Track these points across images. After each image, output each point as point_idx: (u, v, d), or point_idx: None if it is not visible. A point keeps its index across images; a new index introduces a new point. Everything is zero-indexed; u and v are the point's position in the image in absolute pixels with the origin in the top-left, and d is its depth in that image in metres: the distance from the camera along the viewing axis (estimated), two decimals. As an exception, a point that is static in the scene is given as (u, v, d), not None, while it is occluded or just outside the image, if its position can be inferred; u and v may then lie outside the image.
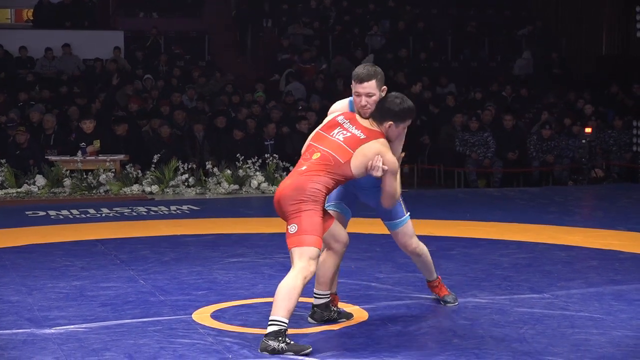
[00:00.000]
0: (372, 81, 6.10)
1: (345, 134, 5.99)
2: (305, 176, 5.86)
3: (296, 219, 5.78)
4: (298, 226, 5.76)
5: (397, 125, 6.05)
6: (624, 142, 17.29)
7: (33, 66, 20.30)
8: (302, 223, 5.76)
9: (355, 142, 5.94)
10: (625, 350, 5.67)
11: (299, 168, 5.96)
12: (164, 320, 6.38)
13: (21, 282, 7.72)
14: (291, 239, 5.79)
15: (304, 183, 5.83)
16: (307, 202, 5.80)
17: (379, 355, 5.55)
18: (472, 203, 13.13)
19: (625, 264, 8.41)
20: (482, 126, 16.80)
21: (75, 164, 14.55)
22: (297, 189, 5.82)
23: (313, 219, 5.79)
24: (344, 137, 5.97)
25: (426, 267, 6.74)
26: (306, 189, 5.81)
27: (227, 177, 14.63)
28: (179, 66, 21.02)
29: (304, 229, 5.75)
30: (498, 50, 23.40)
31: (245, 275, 7.94)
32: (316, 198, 5.82)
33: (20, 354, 5.59)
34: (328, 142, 5.99)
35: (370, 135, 5.98)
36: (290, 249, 5.80)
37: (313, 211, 5.80)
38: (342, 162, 5.89)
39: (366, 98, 6.09)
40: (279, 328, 5.58)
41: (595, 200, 13.27)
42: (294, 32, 22.65)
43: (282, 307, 5.61)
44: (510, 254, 8.94)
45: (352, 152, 5.90)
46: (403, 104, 6.05)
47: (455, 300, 6.80)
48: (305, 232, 5.75)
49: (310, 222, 5.77)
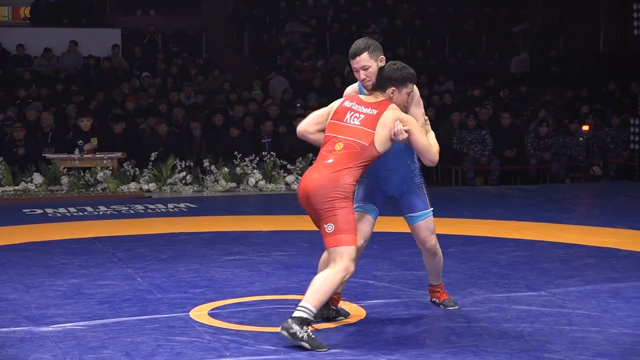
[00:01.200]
0: (364, 54, 6.15)
1: (359, 116, 5.99)
2: (335, 172, 5.81)
3: (332, 217, 5.75)
4: (335, 225, 5.75)
5: (400, 91, 6.09)
6: (621, 139, 17.29)
7: (30, 64, 20.28)
8: (339, 222, 5.75)
9: (371, 121, 5.94)
10: (622, 347, 5.67)
11: (325, 161, 5.90)
12: (161, 318, 6.38)
13: (19, 280, 7.72)
14: (329, 238, 5.78)
15: (335, 179, 5.79)
16: (340, 199, 5.77)
17: (377, 353, 5.55)
18: (469, 201, 13.13)
19: (622, 262, 8.42)
20: (479, 124, 16.80)
21: (73, 162, 14.54)
22: (329, 186, 5.78)
23: (348, 217, 5.79)
24: (359, 121, 5.96)
25: (436, 270, 6.67)
26: (339, 185, 5.79)
27: (225, 175, 14.62)
28: (176, 64, 21.01)
29: (341, 227, 5.75)
30: (495, 48, 23.40)
31: (243, 273, 7.94)
32: (348, 194, 5.81)
33: (17, 352, 5.59)
34: (346, 129, 5.97)
35: (380, 107, 6.01)
36: (329, 249, 5.80)
37: (347, 209, 5.79)
38: (367, 145, 5.88)
39: (363, 72, 6.14)
40: (307, 316, 5.64)
41: (592, 198, 13.28)
42: (292, 30, 22.64)
43: (315, 297, 5.67)
44: (507, 251, 8.95)
45: (372, 131, 5.91)
46: (401, 69, 6.13)
47: (455, 304, 6.71)
48: (343, 232, 5.75)
49: (346, 221, 5.77)
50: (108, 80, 19.10)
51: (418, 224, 6.38)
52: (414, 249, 8.78)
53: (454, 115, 17.20)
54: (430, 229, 6.43)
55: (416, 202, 6.35)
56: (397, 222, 10.18)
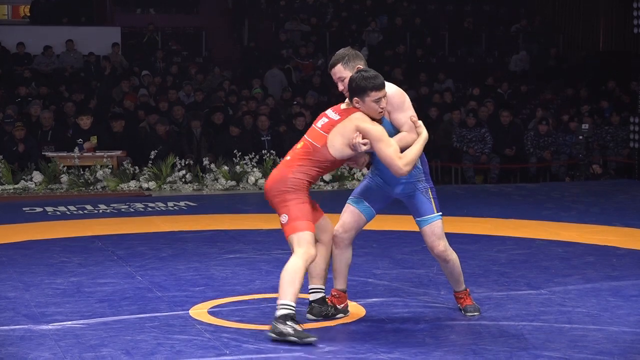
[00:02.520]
0: (338, 65, 6.18)
1: (324, 120, 6.12)
2: (287, 167, 6.06)
3: (284, 208, 5.97)
4: (288, 215, 5.94)
5: (363, 100, 6.00)
6: (621, 138, 17.29)
7: (30, 62, 20.28)
8: (291, 211, 5.94)
9: (329, 125, 6.06)
10: (622, 346, 5.67)
11: (285, 158, 6.17)
12: (161, 317, 6.38)
13: (18, 278, 7.72)
14: (285, 228, 5.98)
15: (286, 174, 6.02)
16: (290, 192, 5.97)
17: (376, 351, 5.55)
18: (469, 199, 13.13)
19: (622, 260, 8.42)
20: (479, 122, 16.79)
21: (73, 160, 14.54)
22: (280, 180, 6.02)
23: (299, 206, 5.96)
24: (321, 124, 6.11)
25: (453, 276, 6.46)
26: (288, 179, 5.99)
27: (225, 174, 14.62)
28: (176, 62, 21.00)
29: (294, 216, 5.94)
30: (495, 46, 23.40)
31: (243, 272, 7.94)
32: (298, 187, 5.99)
33: (17, 350, 5.59)
34: (310, 131, 6.17)
35: (343, 114, 6.07)
36: (287, 238, 5.97)
37: (298, 199, 5.97)
38: (319, 147, 6.02)
39: (340, 83, 6.16)
40: (287, 312, 5.74)
41: (592, 197, 13.27)
42: (291, 28, 22.64)
43: (288, 291, 5.78)
44: (507, 250, 8.95)
45: (326, 135, 6.02)
46: (361, 79, 5.99)
47: (476, 311, 6.46)
48: (297, 219, 5.93)
49: (298, 209, 5.95)
50: (106, 78, 19.09)
51: (423, 229, 6.33)
52: (413, 247, 8.81)
53: (454, 114, 17.19)
54: (437, 234, 6.31)
55: (420, 207, 6.31)
56: (396, 221, 10.20)
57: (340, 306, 6.43)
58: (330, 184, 14.65)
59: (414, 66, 21.38)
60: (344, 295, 6.46)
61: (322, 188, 14.42)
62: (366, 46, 21.94)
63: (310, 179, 6.04)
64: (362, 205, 6.35)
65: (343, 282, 6.46)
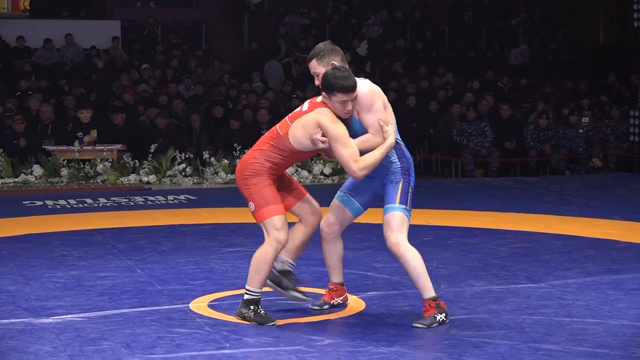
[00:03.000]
0: (313, 60, 6.18)
1: (295, 110, 6.15)
2: (249, 152, 6.13)
3: (249, 196, 6.03)
4: (254, 203, 5.99)
5: (330, 98, 5.95)
6: (621, 131, 17.29)
7: (30, 56, 20.27)
8: (255, 198, 5.99)
9: (296, 115, 6.07)
10: (622, 339, 5.67)
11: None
12: (161, 310, 6.38)
13: (18, 271, 7.73)
14: (254, 216, 6.04)
15: (246, 159, 6.10)
16: (251, 177, 6.00)
17: (376, 344, 5.56)
18: (469, 192, 13.13)
19: (622, 254, 8.42)
20: (479, 116, 16.79)
21: (73, 154, 14.54)
22: (242, 167, 6.09)
23: (261, 191, 5.99)
24: (291, 113, 6.14)
25: (411, 277, 6.08)
26: (248, 165, 6.04)
27: (225, 167, 14.62)
28: (176, 56, 20.99)
29: (258, 203, 5.98)
30: (495, 39, 23.37)
31: (243, 265, 7.92)
32: (258, 172, 6.00)
33: (17, 343, 5.60)
34: (281, 120, 6.19)
35: (312, 107, 6.05)
36: (259, 225, 6.04)
37: (259, 184, 5.99)
38: (281, 134, 6.02)
39: (316, 78, 6.16)
40: (251, 297, 5.98)
41: (592, 190, 13.27)
42: (291, 22, 22.62)
43: (254, 278, 5.98)
44: (507, 243, 8.95)
45: (290, 124, 6.02)
46: (332, 77, 5.94)
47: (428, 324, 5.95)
48: (261, 206, 5.98)
49: (260, 195, 5.98)
50: (106, 72, 19.08)
51: (384, 216, 6.10)
52: (413, 240, 8.79)
53: (454, 107, 17.18)
54: (391, 225, 6.02)
55: (385, 196, 6.14)
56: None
57: (339, 299, 6.42)
58: (331, 177, 14.65)
59: (414, 60, 21.36)
60: (342, 288, 6.46)
61: (322, 182, 14.43)
62: (366, 40, 21.94)
63: (271, 164, 5.99)
64: (348, 201, 6.31)
65: (338, 275, 6.44)
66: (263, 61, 20.91)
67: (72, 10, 22.32)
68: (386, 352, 5.41)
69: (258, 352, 5.39)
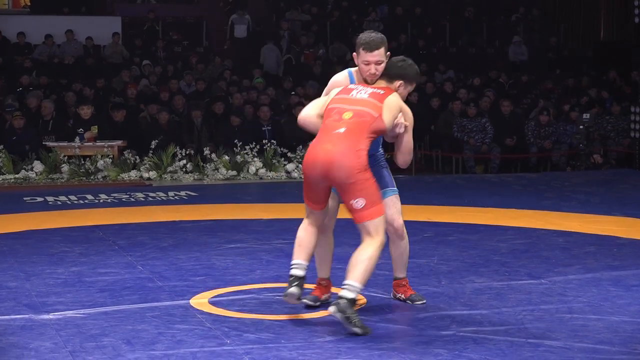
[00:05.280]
0: (382, 49, 6.12)
1: (366, 91, 5.95)
2: (352, 142, 5.71)
3: (360, 192, 5.68)
4: (365, 200, 5.69)
5: (406, 87, 6.10)
6: (621, 128, 17.29)
7: (31, 52, 20.27)
8: (368, 195, 5.70)
9: (379, 95, 5.91)
10: (622, 335, 5.67)
11: (335, 130, 5.79)
12: (162, 306, 6.38)
13: (19, 268, 7.73)
14: (362, 213, 5.72)
15: (354, 150, 5.70)
16: (362, 171, 5.70)
17: (378, 341, 5.55)
18: (469, 189, 13.13)
19: (623, 250, 8.43)
20: (479, 112, 16.79)
21: (73, 150, 14.55)
22: (352, 158, 5.68)
23: (374, 188, 5.77)
24: (367, 94, 5.92)
25: (402, 259, 6.47)
26: (359, 157, 5.69)
27: (225, 163, 14.62)
28: (176, 52, 20.99)
29: (372, 200, 5.72)
30: (496, 35, 23.36)
31: (243, 261, 7.94)
32: (367, 165, 5.75)
33: (18, 339, 5.60)
34: (354, 101, 5.90)
35: (386, 90, 6.00)
36: (362, 223, 5.76)
37: (371, 180, 5.75)
38: (376, 116, 5.82)
39: (376, 66, 6.09)
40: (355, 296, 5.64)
41: (593, 186, 13.27)
42: (292, 18, 22.61)
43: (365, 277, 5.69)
44: (508, 239, 8.95)
45: (380, 105, 5.85)
46: (413, 65, 6.17)
47: (422, 299, 6.46)
48: (374, 204, 5.73)
49: (374, 192, 5.75)
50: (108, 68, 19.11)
51: (385, 200, 6.13)
52: (413, 237, 8.80)
53: (455, 104, 17.18)
54: (397, 208, 6.24)
55: (382, 180, 6.19)
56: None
57: (325, 296, 6.39)
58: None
59: (415, 56, 21.31)
60: (330, 283, 6.45)
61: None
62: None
63: (367, 152, 5.82)
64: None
65: (329, 269, 6.42)
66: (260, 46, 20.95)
67: (72, 7, 22.31)
68: (387, 348, 5.41)
69: (259, 349, 5.39)
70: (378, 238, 5.76)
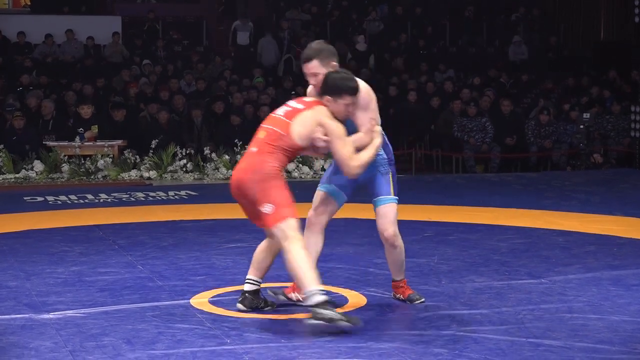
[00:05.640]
0: (314, 60, 6.10)
1: (286, 109, 6.08)
2: (258, 157, 5.94)
3: (266, 197, 5.82)
4: (273, 204, 5.80)
5: (336, 101, 5.98)
6: (622, 127, 17.30)
7: (31, 52, 20.27)
8: (276, 199, 5.82)
9: (292, 113, 6.01)
10: (623, 335, 5.67)
11: (251, 149, 6.06)
12: (162, 306, 6.38)
13: (19, 267, 7.73)
14: (270, 217, 5.81)
15: (259, 164, 5.91)
16: (269, 179, 5.86)
17: (378, 340, 5.55)
18: (470, 188, 13.13)
19: (623, 249, 8.42)
20: (480, 111, 16.79)
21: (73, 150, 14.55)
22: (254, 171, 5.90)
23: (283, 192, 5.86)
24: (284, 112, 6.06)
25: (397, 264, 6.45)
26: (263, 168, 5.88)
27: (225, 163, 14.62)
28: (177, 51, 20.98)
29: (279, 203, 5.81)
30: (496, 35, 23.36)
31: (244, 261, 7.91)
32: (274, 174, 5.89)
33: (18, 339, 5.60)
34: (271, 119, 6.13)
35: (307, 105, 6.03)
36: (272, 228, 5.84)
37: (279, 186, 5.87)
38: (283, 134, 5.94)
39: (313, 78, 6.11)
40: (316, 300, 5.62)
41: (593, 186, 13.28)
42: (292, 18, 22.61)
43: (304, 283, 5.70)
44: (508, 239, 8.95)
45: (289, 121, 5.96)
46: (340, 79, 5.99)
47: (420, 298, 6.48)
48: (282, 206, 5.81)
49: (282, 196, 5.84)
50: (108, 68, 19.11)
51: (377, 209, 6.24)
52: (414, 236, 8.82)
53: (455, 103, 17.17)
54: (389, 218, 6.22)
55: (377, 188, 6.23)
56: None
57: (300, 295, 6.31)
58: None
59: (415, 56, 21.35)
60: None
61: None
62: (364, 35, 21.91)
63: (281, 166, 5.96)
64: (334, 191, 6.32)
65: None
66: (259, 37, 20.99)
67: (72, 6, 22.31)
68: (387, 347, 5.41)
69: (259, 348, 5.39)
70: (286, 243, 5.77)
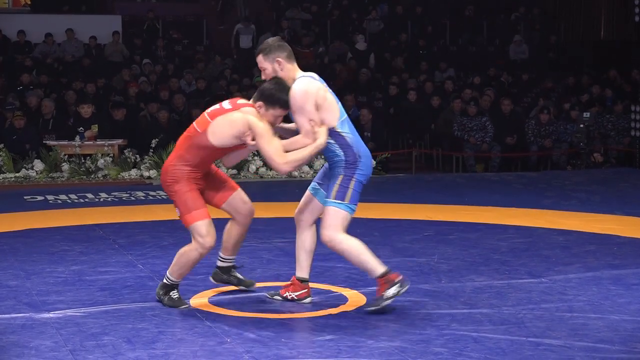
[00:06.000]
0: (259, 56, 6.17)
1: (215, 107, 6.18)
2: (171, 156, 6.21)
3: (175, 202, 6.18)
4: (178, 209, 6.15)
5: (267, 109, 6.05)
6: (622, 126, 17.30)
7: (31, 51, 20.27)
8: (178, 205, 6.14)
9: (217, 112, 6.11)
10: (623, 334, 5.68)
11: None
12: (162, 305, 6.38)
13: (19, 266, 7.73)
14: (182, 220, 6.20)
15: (166, 166, 6.19)
16: (172, 184, 6.13)
17: (377, 339, 5.56)
18: (470, 188, 13.13)
19: (623, 249, 8.43)
20: (480, 111, 16.79)
21: (74, 149, 14.54)
22: (165, 172, 6.21)
23: (183, 198, 6.11)
24: (211, 110, 6.15)
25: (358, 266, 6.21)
26: (169, 170, 6.15)
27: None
28: (177, 51, 20.98)
29: (182, 210, 6.13)
30: (496, 34, 23.36)
31: (243, 260, 7.92)
32: (178, 178, 6.11)
33: (18, 338, 5.60)
34: (199, 116, 6.24)
35: (236, 107, 6.11)
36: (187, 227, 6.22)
37: (179, 191, 6.10)
38: (200, 132, 6.08)
39: (263, 72, 6.18)
40: (169, 282, 6.31)
41: (593, 185, 13.27)
42: (292, 17, 22.61)
43: (175, 270, 6.28)
44: (508, 238, 8.95)
45: (210, 121, 6.05)
46: (275, 91, 6.03)
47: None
48: (184, 213, 6.12)
49: (182, 202, 6.13)
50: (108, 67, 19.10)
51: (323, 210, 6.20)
52: (414, 235, 8.83)
53: (455, 102, 17.18)
54: (324, 222, 6.08)
55: (326, 188, 6.21)
56: (397, 209, 10.20)
57: (294, 294, 6.37)
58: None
59: (415, 55, 21.35)
60: (299, 284, 6.42)
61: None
62: (364, 34, 21.91)
63: (190, 167, 6.11)
64: (316, 190, 6.36)
65: (302, 269, 6.41)
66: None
67: (72, 5, 22.32)
68: (386, 347, 5.41)
69: (259, 347, 5.39)
70: (194, 243, 6.17)
